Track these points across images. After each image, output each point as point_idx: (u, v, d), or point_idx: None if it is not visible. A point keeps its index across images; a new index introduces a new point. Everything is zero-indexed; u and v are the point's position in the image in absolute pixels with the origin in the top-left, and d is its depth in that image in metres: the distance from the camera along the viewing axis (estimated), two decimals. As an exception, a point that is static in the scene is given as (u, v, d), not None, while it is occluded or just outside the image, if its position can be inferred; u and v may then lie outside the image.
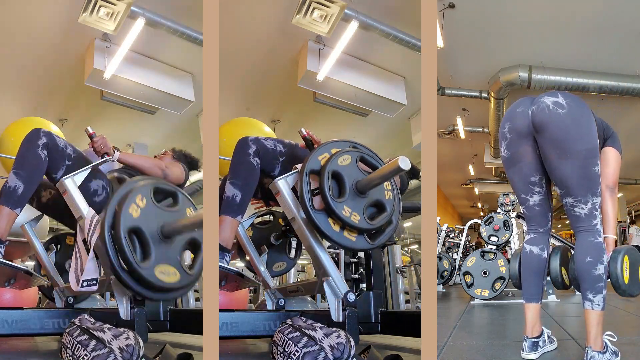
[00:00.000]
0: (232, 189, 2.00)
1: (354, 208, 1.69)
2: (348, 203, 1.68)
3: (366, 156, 1.76)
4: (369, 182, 1.67)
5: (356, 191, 1.68)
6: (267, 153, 2.08)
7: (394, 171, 1.57)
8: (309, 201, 1.65)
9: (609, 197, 1.91)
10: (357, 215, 1.70)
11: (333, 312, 1.69)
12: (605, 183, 1.91)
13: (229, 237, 1.98)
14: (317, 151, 1.72)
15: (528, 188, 1.92)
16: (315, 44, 5.89)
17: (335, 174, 1.66)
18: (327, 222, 1.65)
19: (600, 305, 1.76)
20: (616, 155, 1.96)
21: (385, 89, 6.55)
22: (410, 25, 5.34)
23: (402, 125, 7.92)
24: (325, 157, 1.72)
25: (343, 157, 1.68)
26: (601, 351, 1.73)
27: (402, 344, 2.04)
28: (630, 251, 1.86)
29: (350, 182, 1.70)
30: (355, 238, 1.70)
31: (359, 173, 1.72)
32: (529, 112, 1.79)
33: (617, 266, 1.80)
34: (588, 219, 1.82)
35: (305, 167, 1.68)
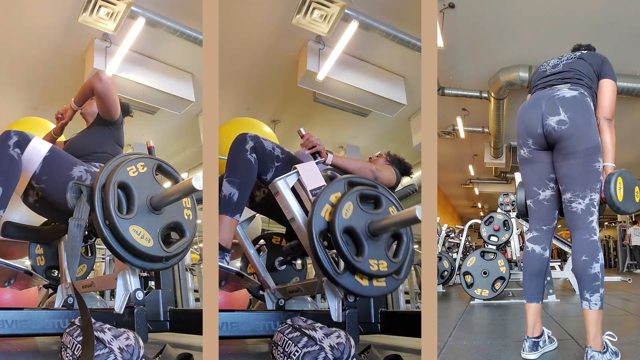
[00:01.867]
0: (229, 187, 1.96)
1: (377, 256, 1.65)
2: (370, 255, 1.63)
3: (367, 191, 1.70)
4: (383, 228, 1.63)
5: (370, 236, 1.64)
6: (263, 152, 2.04)
7: (410, 221, 1.54)
8: (329, 268, 1.59)
9: (607, 128, 1.92)
10: (383, 262, 1.66)
11: (333, 312, 1.69)
12: (602, 114, 1.93)
13: (228, 237, 1.95)
14: (317, 206, 1.63)
15: (543, 182, 1.95)
16: (315, 44, 5.89)
17: (347, 230, 1.61)
18: (355, 280, 1.61)
19: (598, 304, 1.76)
20: (611, 85, 1.99)
21: (385, 89, 6.56)
22: (410, 25, 5.34)
23: (402, 125, 7.92)
24: (328, 209, 1.64)
25: (346, 206, 1.61)
26: (601, 351, 1.73)
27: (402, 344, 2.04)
28: (623, 173, 1.91)
29: (363, 230, 1.63)
30: (385, 282, 1.67)
31: (367, 215, 1.66)
32: (543, 133, 1.88)
33: (611, 186, 1.85)
34: (584, 215, 1.84)
35: (314, 231, 1.60)
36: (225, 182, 1.99)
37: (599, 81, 1.99)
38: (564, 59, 2.11)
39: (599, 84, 1.99)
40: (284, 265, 2.35)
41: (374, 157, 2.59)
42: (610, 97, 1.96)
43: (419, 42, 5.37)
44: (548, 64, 2.14)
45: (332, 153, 2.16)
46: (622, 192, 1.87)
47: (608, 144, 1.90)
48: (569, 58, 2.10)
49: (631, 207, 1.91)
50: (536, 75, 2.15)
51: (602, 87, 1.98)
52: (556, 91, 1.91)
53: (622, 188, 1.87)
